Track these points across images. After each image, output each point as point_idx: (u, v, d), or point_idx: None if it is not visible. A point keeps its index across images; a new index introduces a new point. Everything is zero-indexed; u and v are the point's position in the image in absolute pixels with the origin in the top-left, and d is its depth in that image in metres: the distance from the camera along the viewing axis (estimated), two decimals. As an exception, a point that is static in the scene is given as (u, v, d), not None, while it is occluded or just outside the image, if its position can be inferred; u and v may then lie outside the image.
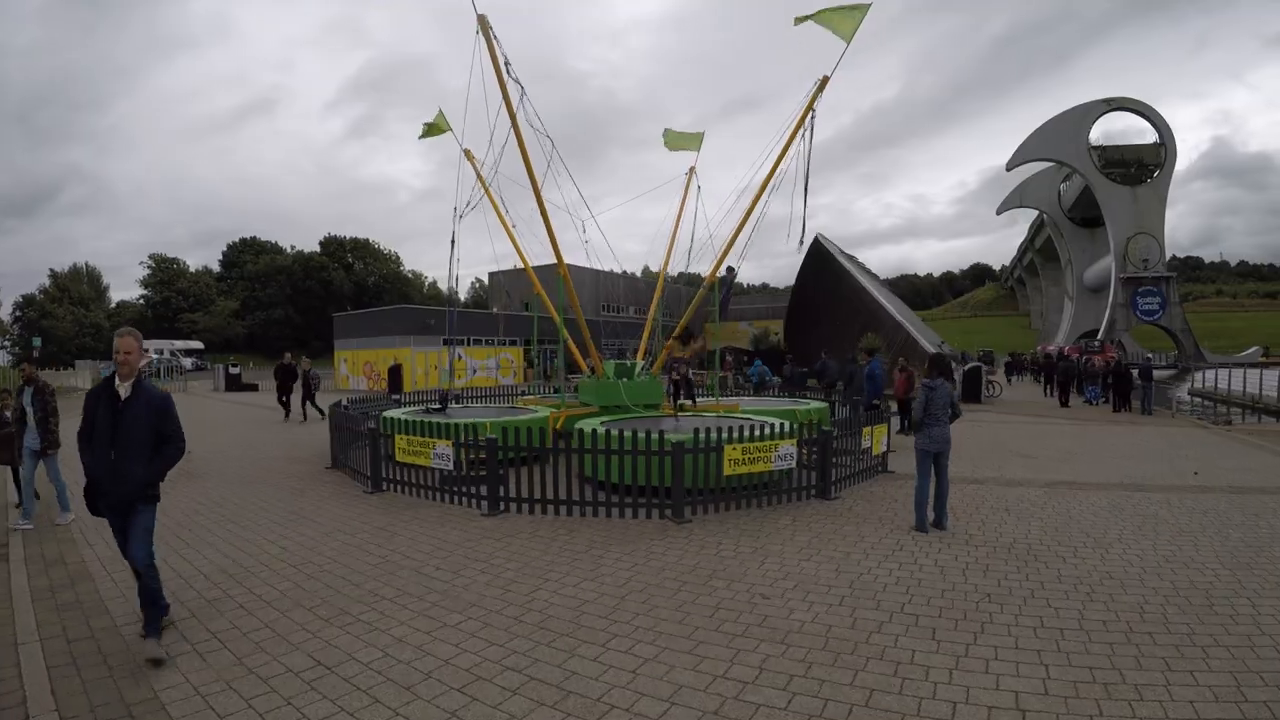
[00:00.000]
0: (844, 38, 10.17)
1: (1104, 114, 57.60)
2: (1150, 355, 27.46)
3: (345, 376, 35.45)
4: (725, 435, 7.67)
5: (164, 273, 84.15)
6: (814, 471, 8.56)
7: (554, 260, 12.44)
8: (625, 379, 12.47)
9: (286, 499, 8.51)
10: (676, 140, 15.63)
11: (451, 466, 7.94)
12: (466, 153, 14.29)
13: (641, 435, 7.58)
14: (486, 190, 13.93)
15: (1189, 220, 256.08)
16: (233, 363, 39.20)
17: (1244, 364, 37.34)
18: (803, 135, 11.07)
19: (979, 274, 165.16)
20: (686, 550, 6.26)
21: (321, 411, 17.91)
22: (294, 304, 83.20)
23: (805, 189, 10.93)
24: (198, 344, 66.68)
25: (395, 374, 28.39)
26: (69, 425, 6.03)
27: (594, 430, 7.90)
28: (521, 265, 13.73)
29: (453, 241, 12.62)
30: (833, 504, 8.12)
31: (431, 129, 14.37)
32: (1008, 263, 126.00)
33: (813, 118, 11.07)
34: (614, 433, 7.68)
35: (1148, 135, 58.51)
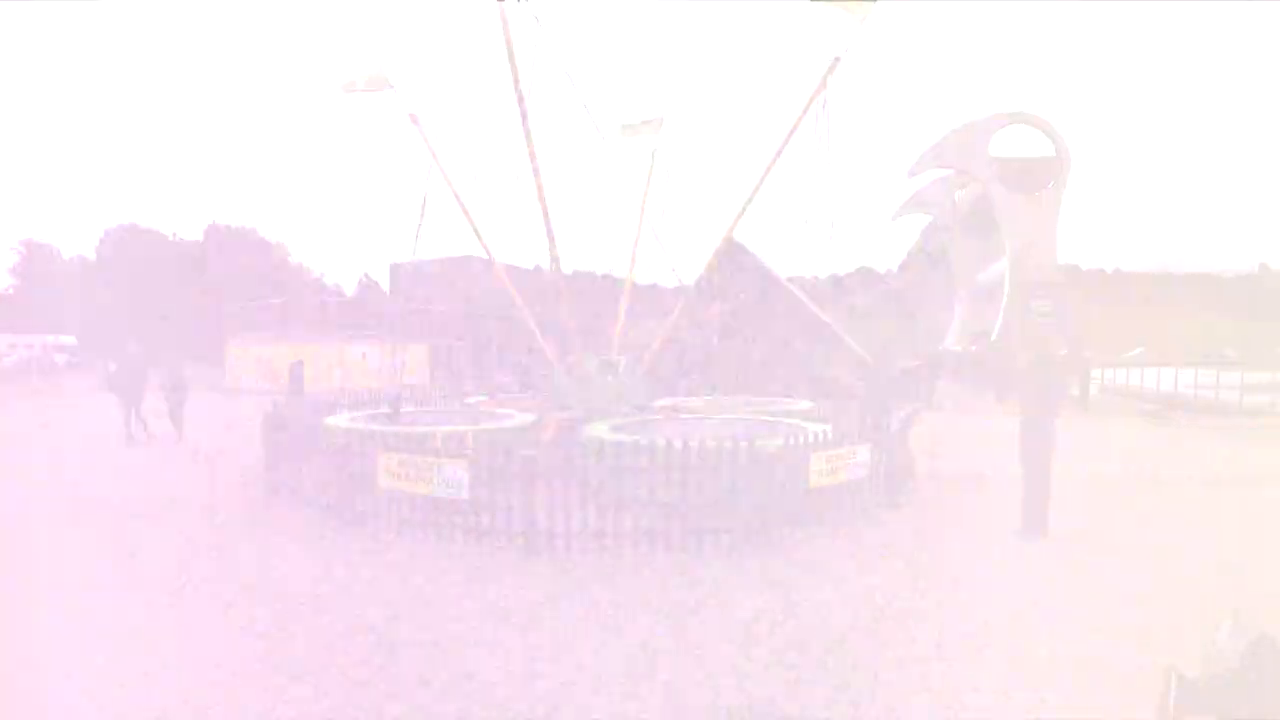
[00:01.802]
0: (858, 15, 9.80)
1: (1004, 126, 61.17)
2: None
3: (239, 376, 31.35)
4: (809, 442, 6.75)
5: (35, 261, 73.42)
6: (876, 479, 7.58)
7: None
8: (610, 376, 10.96)
9: (231, 546, 6.29)
10: (633, 131, 14.09)
11: (466, 494, 6.10)
12: (413, 118, 12.23)
13: (729, 446, 6.20)
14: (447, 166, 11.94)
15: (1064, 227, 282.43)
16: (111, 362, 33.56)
17: (1132, 364, 39.60)
18: (819, 116, 10.02)
19: (864, 276, 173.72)
20: (841, 584, 5.21)
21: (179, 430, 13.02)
22: (177, 296, 74.95)
23: (828, 176, 10.11)
24: (70, 338, 58.36)
25: (296, 372, 25.30)
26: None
27: (671, 444, 6.35)
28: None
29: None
30: (904, 511, 7.46)
31: (363, 81, 12.13)
32: (894, 267, 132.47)
33: (824, 101, 10.02)
34: (693, 444, 6.19)
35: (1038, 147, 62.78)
